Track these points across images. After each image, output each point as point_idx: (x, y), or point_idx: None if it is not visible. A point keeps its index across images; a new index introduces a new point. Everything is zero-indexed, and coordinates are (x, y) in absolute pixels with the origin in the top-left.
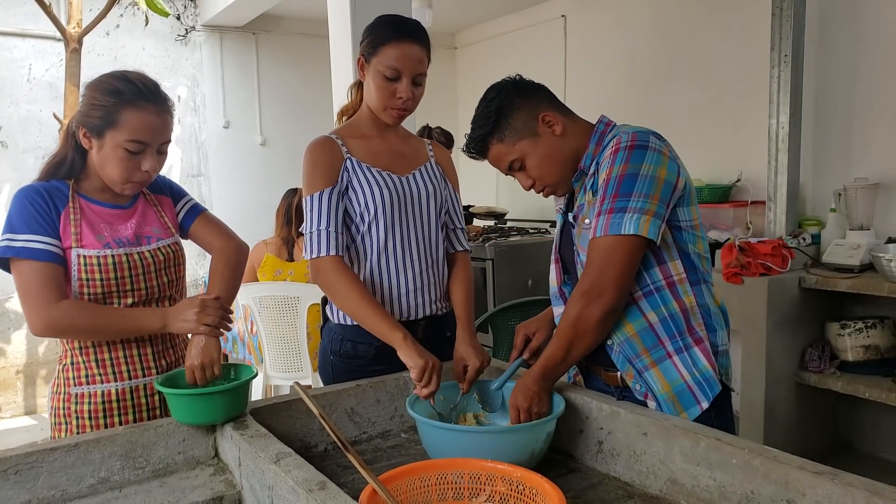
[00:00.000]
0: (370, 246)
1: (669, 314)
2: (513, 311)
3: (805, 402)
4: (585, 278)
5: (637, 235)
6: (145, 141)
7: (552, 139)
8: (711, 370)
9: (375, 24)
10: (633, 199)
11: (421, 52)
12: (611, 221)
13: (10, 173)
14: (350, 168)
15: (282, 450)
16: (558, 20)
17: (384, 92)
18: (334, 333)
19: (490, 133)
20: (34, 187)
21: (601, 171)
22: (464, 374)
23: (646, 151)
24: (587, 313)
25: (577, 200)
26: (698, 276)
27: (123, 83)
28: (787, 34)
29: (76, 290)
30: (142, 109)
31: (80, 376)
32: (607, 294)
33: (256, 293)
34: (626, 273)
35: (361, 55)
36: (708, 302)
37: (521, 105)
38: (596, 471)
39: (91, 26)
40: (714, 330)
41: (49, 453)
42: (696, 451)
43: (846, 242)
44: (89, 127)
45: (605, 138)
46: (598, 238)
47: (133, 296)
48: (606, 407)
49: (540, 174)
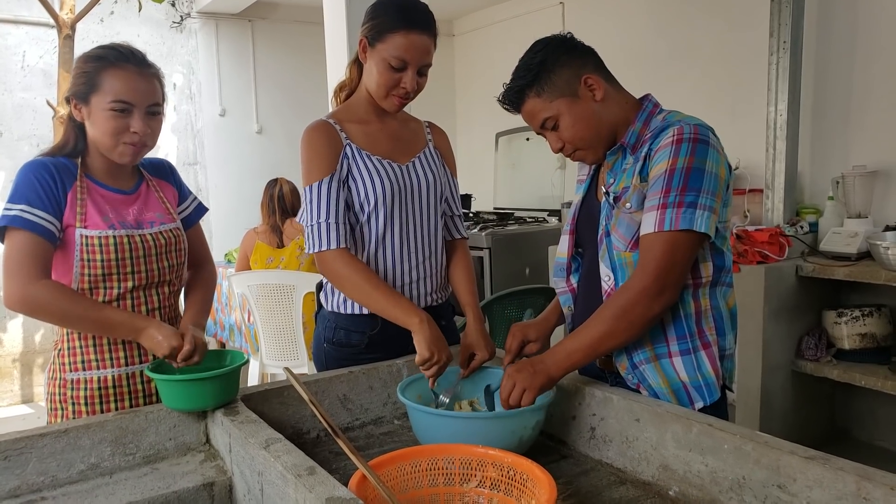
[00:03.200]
0: (368, 236)
1: (684, 314)
2: (509, 300)
3: (801, 390)
4: (647, 272)
5: (704, 234)
6: (129, 100)
7: (591, 103)
8: (714, 376)
9: (382, 6)
10: (702, 195)
11: (429, 42)
12: (681, 216)
13: (5, 161)
14: (350, 155)
15: (271, 435)
16: (556, 7)
17: (388, 81)
18: (328, 321)
19: (528, 85)
20: (42, 162)
21: (657, 158)
22: (468, 362)
23: (708, 147)
24: (644, 308)
25: (618, 179)
26: (721, 278)
27: (106, 50)
28: (786, 21)
29: (77, 271)
30: (123, 69)
31: (76, 362)
32: (669, 292)
33: (251, 281)
34: (687, 271)
35: (364, 37)
36: (721, 304)
37: (566, 63)
38: (588, 457)
39: (84, 12)
40: (724, 333)
41: (38, 439)
42: (688, 437)
43: (844, 230)
44: (76, 95)
45: (652, 119)
46: (664, 232)
47: (133, 279)
48: (599, 393)
49: (572, 136)
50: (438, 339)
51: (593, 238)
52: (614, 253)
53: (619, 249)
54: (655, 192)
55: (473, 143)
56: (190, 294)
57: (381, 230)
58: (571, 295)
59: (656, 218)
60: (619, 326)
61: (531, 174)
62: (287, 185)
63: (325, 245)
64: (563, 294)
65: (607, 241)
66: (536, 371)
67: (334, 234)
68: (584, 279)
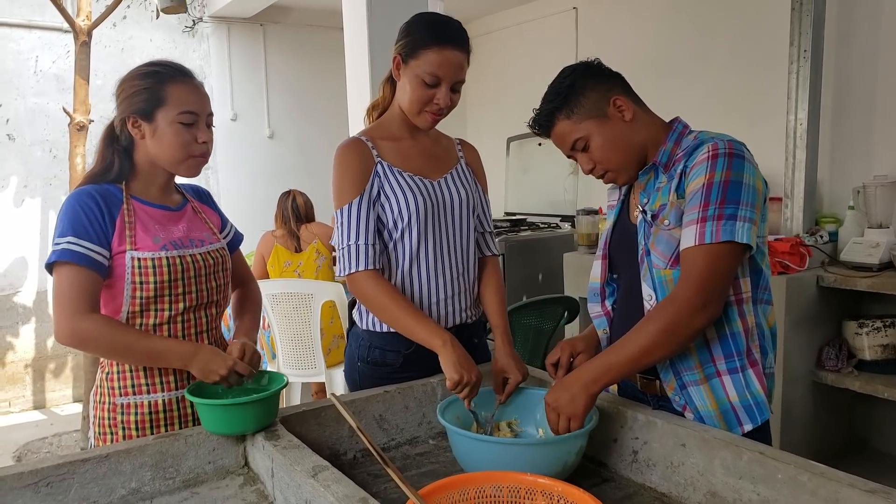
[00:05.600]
0: (402, 254)
1: (731, 332)
2: (528, 310)
3: (821, 400)
4: (690, 284)
5: (747, 245)
6: (196, 111)
7: (620, 124)
8: (763, 395)
9: (416, 24)
10: (741, 207)
11: (462, 59)
12: (722, 228)
13: (18, 167)
14: (381, 173)
15: (318, 462)
16: (570, 12)
17: (421, 97)
18: (362, 339)
19: (558, 108)
20: (87, 191)
21: (693, 174)
22: (503, 387)
23: (744, 161)
24: (688, 322)
25: (653, 198)
26: (760, 295)
27: (158, 66)
28: (806, 29)
29: (128, 294)
30: (184, 82)
31: (125, 386)
32: (713, 305)
33: (269, 290)
34: (730, 284)
35: (398, 55)
36: (763, 323)
37: (594, 86)
38: (631, 480)
39: (101, 18)
40: (766, 353)
41: (80, 465)
42: (738, 465)
43: (865, 240)
44: (138, 112)
45: (682, 139)
46: (705, 244)
47: (184, 300)
48: (642, 416)
49: (602, 157)
50: (464, 359)
51: (629, 260)
52: (654, 271)
53: (659, 267)
54: (694, 207)
55: (485, 147)
56: (240, 314)
57: (414, 247)
58: (607, 318)
59: (696, 231)
60: (662, 340)
61: (543, 179)
62: (300, 196)
63: (354, 267)
64: (597, 318)
65: (648, 259)
66: (574, 395)
67: (363, 256)
68: (622, 301)
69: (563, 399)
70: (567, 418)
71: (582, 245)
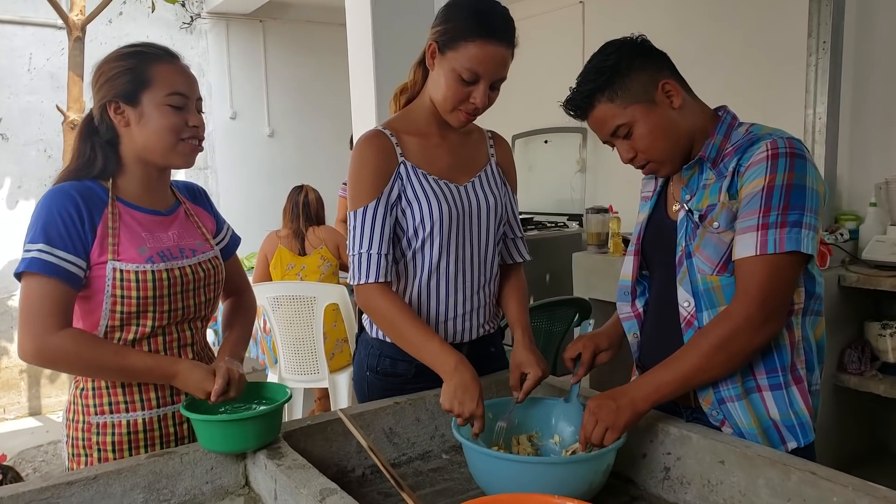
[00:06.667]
0: (420, 265)
1: (776, 345)
2: (538, 312)
3: (842, 404)
4: (751, 298)
5: (809, 255)
6: (185, 93)
7: (669, 111)
8: (808, 415)
9: (458, 8)
10: (806, 213)
11: (506, 54)
12: (787, 237)
13: (11, 167)
14: (404, 175)
15: (325, 485)
16: (576, 6)
17: (456, 94)
18: (372, 348)
19: (600, 89)
20: (65, 190)
21: (750, 174)
22: (520, 384)
23: (806, 162)
24: (747, 339)
25: (699, 196)
26: (811, 305)
27: (141, 46)
28: (825, 20)
29: (107, 307)
30: (170, 62)
31: (101, 403)
32: (775, 321)
33: (271, 293)
34: (791, 298)
35: (434, 41)
36: (810, 335)
37: (642, 67)
38: (662, 499)
39: (95, 13)
40: (812, 368)
41: (66, 487)
42: (786, 485)
43: (888, 238)
44: (121, 96)
45: (732, 132)
46: (767, 255)
47: (169, 316)
48: (675, 430)
49: (647, 147)
50: (466, 390)
51: (665, 259)
52: (697, 276)
53: (705, 273)
54: (752, 212)
55: None
56: (229, 325)
57: (435, 258)
58: (637, 321)
59: (757, 240)
60: (718, 359)
61: (549, 177)
62: (313, 192)
63: (364, 278)
64: (627, 320)
65: (688, 263)
66: (620, 406)
67: (374, 267)
68: (655, 303)
69: (608, 408)
70: (605, 427)
71: (592, 244)
